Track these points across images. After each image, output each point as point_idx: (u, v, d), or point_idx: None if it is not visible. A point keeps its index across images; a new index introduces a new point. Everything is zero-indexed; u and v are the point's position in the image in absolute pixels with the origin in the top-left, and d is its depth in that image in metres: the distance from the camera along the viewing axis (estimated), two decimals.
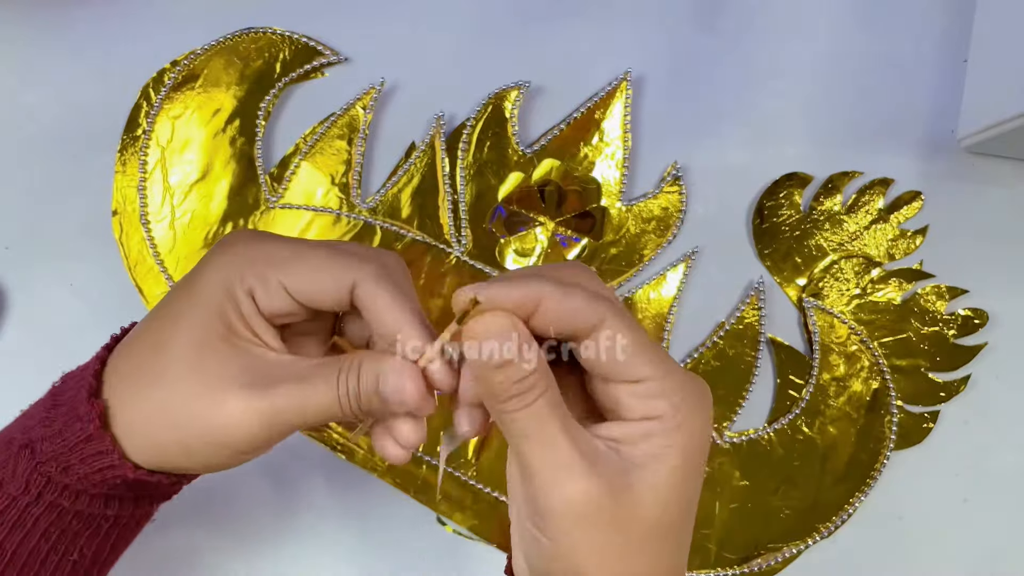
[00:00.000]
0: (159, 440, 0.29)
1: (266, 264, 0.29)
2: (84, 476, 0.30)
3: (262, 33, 0.51)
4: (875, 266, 0.49)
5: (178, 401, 0.28)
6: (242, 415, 0.28)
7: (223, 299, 0.29)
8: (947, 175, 0.51)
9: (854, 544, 0.47)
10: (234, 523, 0.47)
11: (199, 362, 0.28)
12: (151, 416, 0.29)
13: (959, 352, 0.48)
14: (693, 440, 0.26)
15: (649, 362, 0.26)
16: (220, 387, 0.28)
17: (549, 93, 0.51)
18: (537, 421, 0.26)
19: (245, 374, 0.28)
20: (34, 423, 0.30)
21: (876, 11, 0.53)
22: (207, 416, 0.28)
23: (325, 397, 0.28)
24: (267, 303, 0.29)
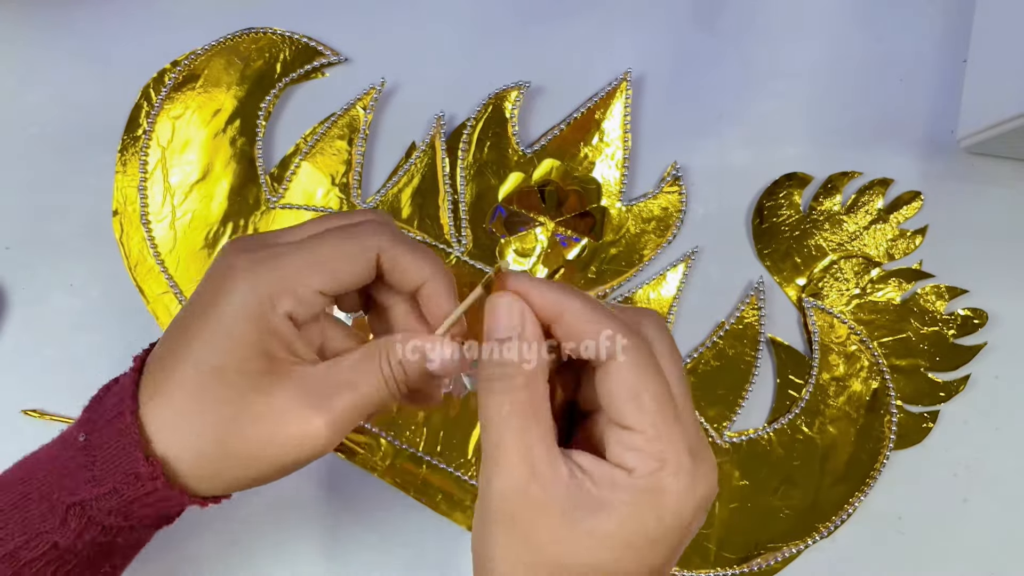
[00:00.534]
0: (226, 479, 0.30)
1: (295, 278, 0.29)
2: (145, 516, 0.31)
3: (262, 33, 0.51)
4: (875, 266, 0.49)
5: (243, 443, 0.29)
6: (311, 436, 0.29)
7: (261, 335, 0.29)
8: (947, 175, 0.51)
9: (854, 544, 0.47)
10: (234, 523, 0.47)
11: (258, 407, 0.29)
12: (216, 463, 0.30)
13: (959, 352, 0.48)
14: (665, 514, 0.25)
15: (646, 417, 0.25)
16: (286, 420, 0.29)
17: (549, 93, 0.51)
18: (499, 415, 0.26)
19: (301, 397, 0.29)
20: (79, 483, 0.30)
21: (876, 11, 0.53)
22: (278, 447, 0.29)
23: (376, 394, 0.30)
24: (304, 313, 0.29)
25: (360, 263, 0.30)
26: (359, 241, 0.30)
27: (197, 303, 0.30)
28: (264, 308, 0.29)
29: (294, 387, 0.29)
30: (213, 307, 0.29)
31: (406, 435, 0.47)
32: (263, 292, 0.29)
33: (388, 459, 0.47)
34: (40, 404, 0.47)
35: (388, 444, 0.47)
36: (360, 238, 0.30)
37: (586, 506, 0.25)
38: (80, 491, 0.30)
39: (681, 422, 0.25)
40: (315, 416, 0.29)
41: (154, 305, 0.48)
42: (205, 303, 0.30)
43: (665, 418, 0.25)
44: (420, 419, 0.47)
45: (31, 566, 0.30)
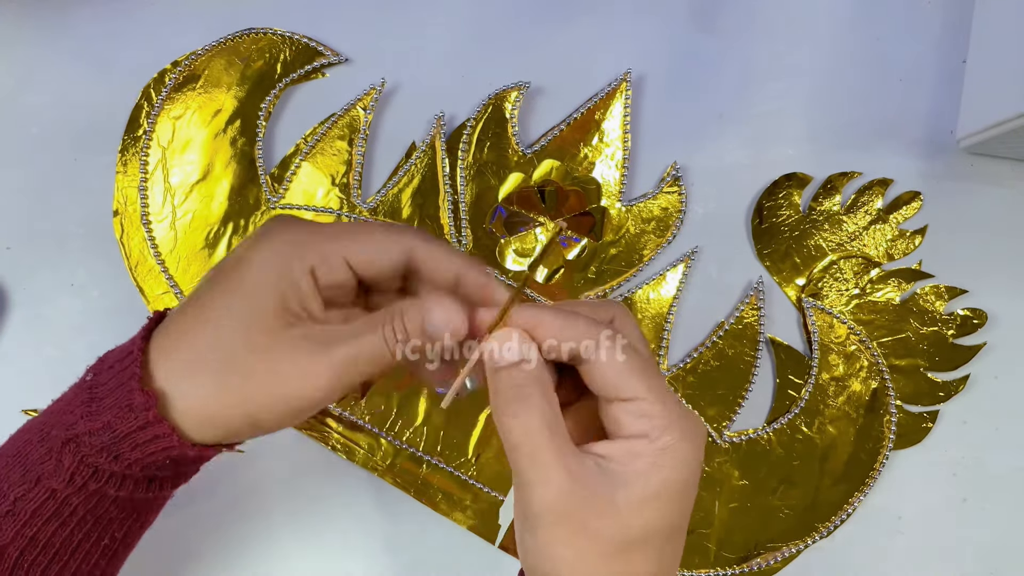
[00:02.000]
0: (224, 419, 0.30)
1: (327, 241, 0.31)
2: (135, 461, 0.31)
3: (263, 34, 0.51)
4: (874, 266, 0.49)
5: (241, 378, 0.30)
6: (312, 375, 0.30)
7: (281, 283, 0.30)
8: (946, 175, 0.51)
9: (853, 543, 0.47)
10: (234, 523, 0.47)
11: (258, 340, 0.30)
12: (212, 400, 0.30)
13: (958, 352, 0.48)
14: (678, 464, 0.28)
15: (644, 384, 0.28)
16: (288, 356, 0.30)
17: (549, 93, 0.51)
18: (527, 432, 0.28)
19: (304, 340, 0.30)
20: (76, 418, 0.31)
21: (875, 12, 0.53)
22: (279, 384, 0.30)
23: (376, 346, 0.30)
24: (329, 278, 0.31)
25: (392, 249, 0.31)
26: (395, 231, 0.32)
27: (228, 258, 0.32)
28: (289, 258, 0.30)
29: (299, 336, 0.30)
30: (242, 257, 0.31)
31: (406, 435, 0.47)
32: (291, 246, 0.30)
33: (388, 459, 0.47)
34: (40, 404, 0.47)
35: (388, 444, 0.47)
36: (397, 230, 0.32)
37: (621, 483, 0.28)
38: (76, 426, 0.30)
39: (662, 381, 0.29)
40: (314, 360, 0.30)
41: (154, 305, 0.48)
42: (236, 256, 0.31)
43: (661, 384, 0.29)
44: (420, 419, 0.47)
45: (32, 522, 0.31)
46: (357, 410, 0.47)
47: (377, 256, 0.31)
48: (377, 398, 0.47)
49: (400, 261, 0.31)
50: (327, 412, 0.47)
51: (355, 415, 0.47)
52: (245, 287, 0.30)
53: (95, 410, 0.30)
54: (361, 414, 0.47)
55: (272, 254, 0.31)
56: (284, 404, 0.30)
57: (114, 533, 0.33)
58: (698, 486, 0.30)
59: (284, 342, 0.30)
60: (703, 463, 0.30)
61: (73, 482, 0.31)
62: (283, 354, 0.30)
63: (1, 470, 0.32)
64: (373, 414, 0.47)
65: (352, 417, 0.47)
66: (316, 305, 0.31)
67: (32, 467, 0.31)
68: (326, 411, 0.47)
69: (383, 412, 0.47)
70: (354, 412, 0.47)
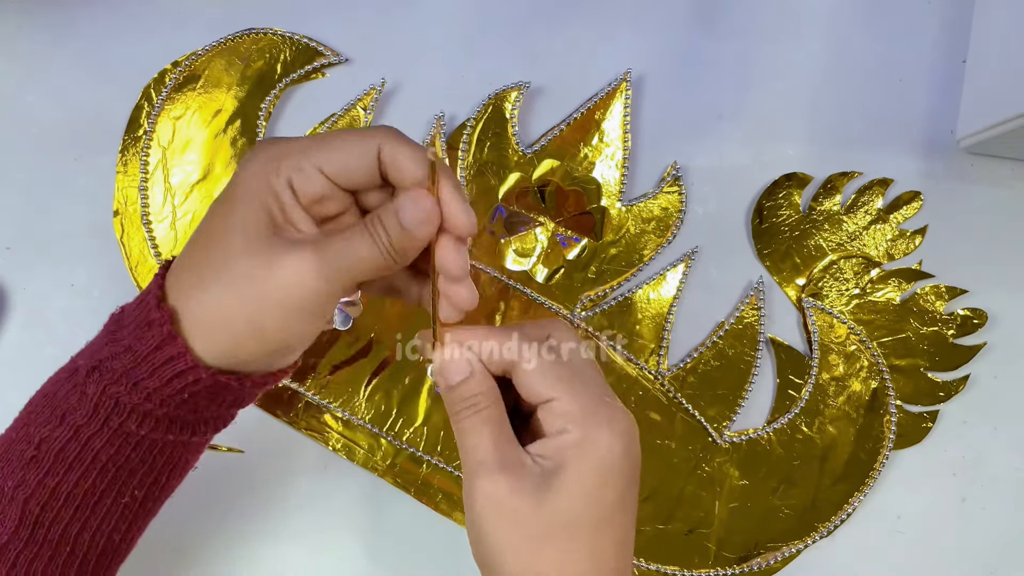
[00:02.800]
0: (229, 327, 0.31)
1: (299, 153, 0.31)
2: (154, 391, 0.31)
3: (263, 34, 0.51)
4: (874, 266, 0.49)
5: (239, 280, 0.31)
6: (300, 268, 0.30)
7: (263, 194, 0.31)
8: (946, 175, 0.51)
9: (853, 543, 0.47)
10: (234, 522, 0.47)
11: (252, 245, 0.31)
12: (216, 305, 0.31)
13: (958, 352, 0.48)
14: (599, 454, 0.31)
15: (561, 385, 0.31)
16: (276, 254, 0.31)
17: (549, 93, 0.51)
18: (473, 432, 0.32)
19: (293, 244, 0.31)
20: (100, 345, 0.32)
21: (875, 12, 0.53)
22: (269, 280, 0.30)
23: (364, 245, 0.31)
24: (306, 188, 0.31)
25: (360, 151, 0.32)
26: (362, 133, 0.32)
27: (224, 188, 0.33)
28: (269, 172, 0.31)
29: (289, 241, 0.31)
30: (230, 182, 0.32)
31: (406, 435, 0.47)
32: (268, 162, 0.31)
33: (388, 459, 0.47)
34: None
35: (388, 444, 0.47)
36: (364, 132, 0.32)
37: (549, 476, 0.31)
38: (100, 352, 0.32)
39: (584, 381, 0.32)
40: (303, 256, 0.30)
41: None
42: (227, 183, 0.33)
43: (580, 384, 0.32)
44: (420, 419, 0.47)
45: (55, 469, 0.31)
46: (357, 410, 0.47)
47: (348, 162, 0.32)
48: (378, 398, 0.47)
49: (372, 165, 0.32)
50: (327, 411, 0.47)
51: (355, 415, 0.47)
52: (235, 204, 0.31)
53: (118, 336, 0.32)
54: (361, 414, 0.47)
55: (254, 171, 0.32)
56: (279, 303, 0.31)
57: (134, 491, 0.34)
58: (633, 477, 0.32)
59: (275, 246, 0.31)
60: (636, 452, 0.32)
61: (96, 416, 0.31)
62: (273, 253, 0.31)
63: (31, 414, 0.32)
64: (373, 414, 0.47)
65: (353, 417, 0.47)
66: (299, 215, 0.32)
67: (59, 404, 0.32)
68: (324, 409, 0.47)
69: (383, 412, 0.47)
70: (354, 412, 0.47)
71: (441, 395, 0.34)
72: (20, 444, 0.32)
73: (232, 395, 0.34)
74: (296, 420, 0.47)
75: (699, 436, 0.47)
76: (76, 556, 0.33)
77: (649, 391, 0.48)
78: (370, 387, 0.48)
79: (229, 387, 0.33)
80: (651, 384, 0.48)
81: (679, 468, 0.47)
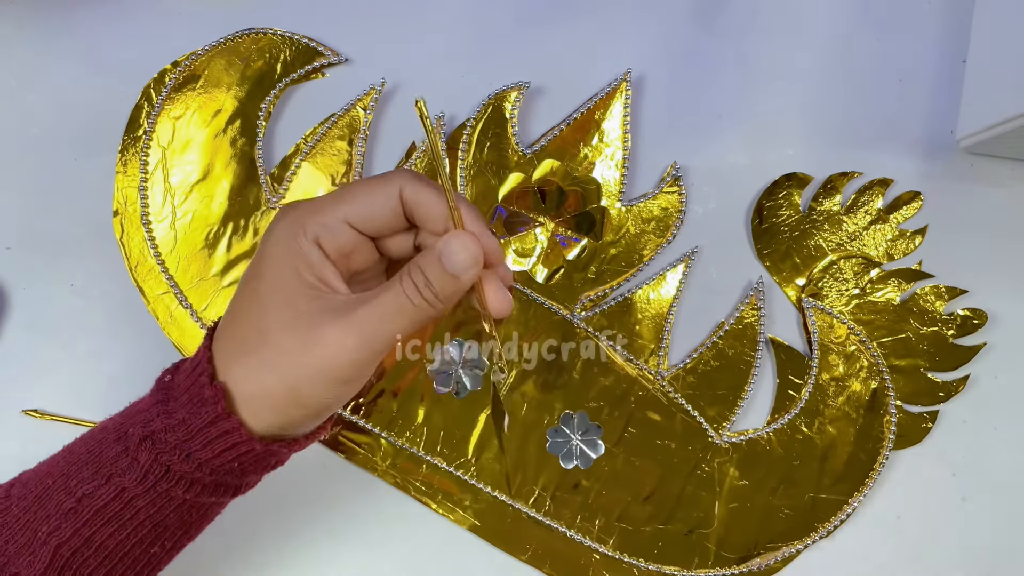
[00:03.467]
0: (273, 398, 0.32)
1: (323, 210, 0.32)
2: (205, 461, 0.32)
3: (263, 34, 0.51)
4: (874, 266, 0.49)
5: (279, 357, 0.31)
6: (339, 341, 0.31)
7: (292, 258, 0.32)
8: (946, 175, 0.51)
9: (853, 544, 0.47)
10: (234, 522, 0.47)
11: (287, 318, 0.31)
12: (258, 381, 0.31)
13: (958, 352, 0.48)
14: None
15: None
16: (313, 326, 0.31)
17: (549, 93, 0.51)
18: None
19: (327, 313, 0.31)
20: (152, 416, 0.32)
21: (875, 12, 0.53)
22: (309, 354, 0.31)
23: (398, 303, 0.31)
24: (334, 243, 0.32)
25: (382, 197, 0.32)
26: (383, 179, 0.33)
27: None
28: (295, 232, 0.32)
29: (322, 307, 0.31)
30: (259, 251, 0.33)
31: (406, 435, 0.47)
32: (295, 222, 0.32)
33: (388, 459, 0.47)
34: (40, 404, 0.48)
35: (388, 444, 0.47)
36: (384, 178, 0.33)
37: None
38: (153, 423, 0.32)
39: None
40: (338, 325, 0.31)
41: (154, 305, 0.48)
42: (256, 252, 0.33)
43: None
44: (420, 419, 0.47)
45: (93, 521, 0.32)
46: (357, 410, 0.47)
47: (373, 210, 0.32)
48: (378, 398, 0.47)
49: (396, 208, 0.32)
50: None
51: (355, 415, 0.47)
52: (265, 271, 0.32)
53: (171, 408, 0.32)
54: (362, 415, 0.47)
55: (280, 236, 0.32)
56: (319, 374, 0.31)
57: (164, 542, 0.34)
58: None
59: (309, 315, 0.31)
60: None
61: (145, 481, 0.32)
62: (310, 326, 0.31)
63: (72, 466, 0.33)
64: (373, 414, 0.47)
65: (352, 418, 0.47)
66: (331, 273, 0.32)
67: (105, 464, 0.32)
68: None
69: (383, 412, 0.47)
70: (354, 413, 0.47)
71: None
72: (59, 494, 0.32)
73: (276, 458, 0.34)
74: None
75: (699, 436, 0.47)
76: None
77: (649, 391, 0.48)
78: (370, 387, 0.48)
79: (278, 452, 0.33)
80: (651, 384, 0.48)
81: (679, 468, 0.47)
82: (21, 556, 0.32)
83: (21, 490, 0.33)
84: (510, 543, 0.47)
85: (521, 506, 0.47)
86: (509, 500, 0.47)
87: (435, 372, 0.47)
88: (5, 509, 0.33)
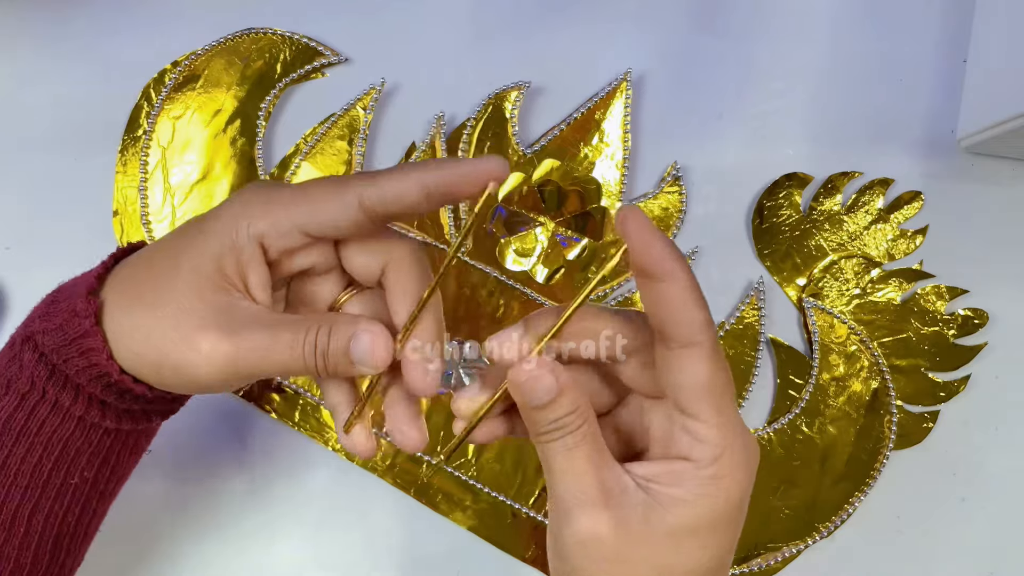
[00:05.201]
0: (139, 356, 0.31)
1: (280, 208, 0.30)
2: (81, 370, 0.31)
3: (263, 34, 0.51)
4: (875, 266, 0.49)
5: (158, 333, 0.30)
6: (209, 355, 0.29)
7: (226, 245, 0.30)
8: (947, 175, 0.51)
9: (853, 543, 0.47)
10: (234, 521, 0.47)
11: (184, 301, 0.30)
12: (134, 334, 0.30)
13: (959, 352, 0.48)
14: (727, 494, 0.26)
15: (714, 405, 0.26)
16: (196, 327, 0.29)
17: (549, 93, 0.51)
18: (565, 455, 0.27)
19: (221, 317, 0.29)
20: (35, 317, 0.33)
21: (876, 11, 0.53)
22: (179, 352, 0.29)
23: (287, 350, 0.29)
24: (278, 244, 0.30)
25: (339, 206, 0.29)
26: (339, 180, 0.30)
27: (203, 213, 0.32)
28: (240, 223, 0.30)
29: (222, 306, 0.30)
30: (204, 217, 0.31)
31: None
32: (246, 210, 0.30)
33: (388, 459, 0.47)
34: None
35: (388, 444, 0.47)
36: (342, 180, 0.30)
37: (662, 510, 0.26)
38: (33, 324, 0.32)
39: (726, 394, 0.27)
40: (221, 340, 0.29)
41: None
42: (204, 214, 0.31)
43: (728, 407, 0.26)
44: None
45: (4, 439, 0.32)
46: None
47: (326, 215, 0.29)
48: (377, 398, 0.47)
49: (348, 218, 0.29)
50: (324, 409, 0.47)
51: None
52: (195, 245, 0.30)
53: (52, 311, 0.32)
54: None
55: (225, 217, 0.30)
56: (178, 372, 0.30)
57: (83, 472, 0.34)
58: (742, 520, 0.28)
59: (204, 309, 0.29)
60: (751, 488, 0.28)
61: (35, 384, 0.32)
62: (197, 324, 0.29)
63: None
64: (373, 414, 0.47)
65: None
66: (255, 277, 0.30)
67: (3, 371, 0.32)
68: (325, 409, 0.47)
69: (383, 412, 0.47)
70: None
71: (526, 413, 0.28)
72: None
73: (150, 407, 0.33)
74: (296, 420, 0.47)
75: None
76: (31, 538, 0.33)
77: None
78: None
79: (142, 396, 0.32)
80: None
81: None
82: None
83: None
84: (510, 544, 0.46)
85: (521, 506, 0.47)
86: (509, 500, 0.47)
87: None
88: None
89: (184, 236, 0.31)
